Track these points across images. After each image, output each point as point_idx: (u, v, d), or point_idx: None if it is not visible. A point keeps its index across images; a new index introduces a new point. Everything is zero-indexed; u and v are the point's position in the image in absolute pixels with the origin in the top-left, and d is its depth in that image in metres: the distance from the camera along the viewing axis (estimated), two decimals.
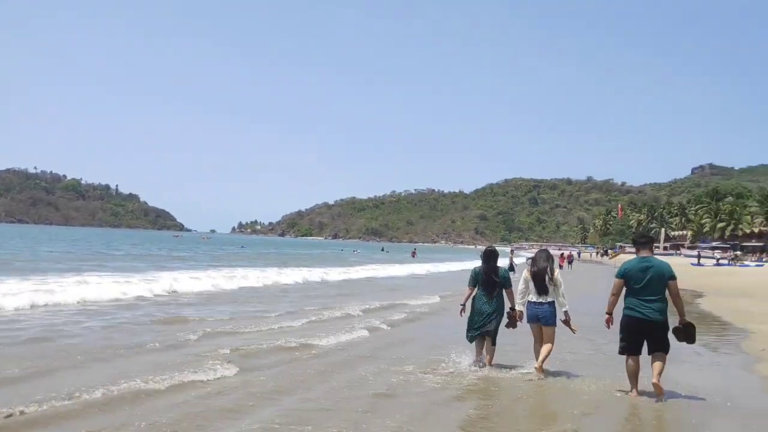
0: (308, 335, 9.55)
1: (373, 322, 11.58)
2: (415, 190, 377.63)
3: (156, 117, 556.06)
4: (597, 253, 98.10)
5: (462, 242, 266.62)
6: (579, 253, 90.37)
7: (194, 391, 6.04)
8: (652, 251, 6.52)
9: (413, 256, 65.18)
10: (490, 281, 7.51)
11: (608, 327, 6.56)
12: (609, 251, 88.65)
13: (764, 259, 69.86)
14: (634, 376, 6.25)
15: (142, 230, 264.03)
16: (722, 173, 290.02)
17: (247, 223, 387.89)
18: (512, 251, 40.74)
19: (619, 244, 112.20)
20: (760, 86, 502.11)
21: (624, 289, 6.35)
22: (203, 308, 13.07)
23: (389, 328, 11.22)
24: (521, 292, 7.25)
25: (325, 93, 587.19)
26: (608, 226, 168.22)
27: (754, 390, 6.92)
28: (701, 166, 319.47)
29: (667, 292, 6.23)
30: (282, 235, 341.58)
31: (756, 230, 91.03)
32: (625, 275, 6.32)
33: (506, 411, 5.86)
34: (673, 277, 6.24)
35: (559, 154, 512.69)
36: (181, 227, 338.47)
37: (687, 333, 6.45)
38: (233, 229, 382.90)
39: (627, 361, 6.31)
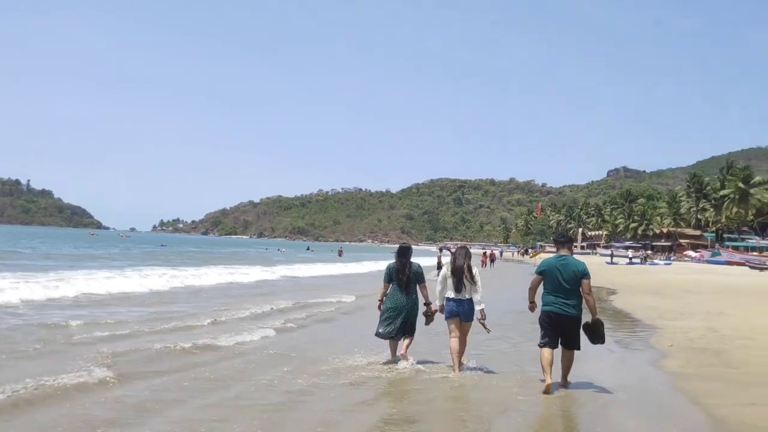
0: (210, 336, 9.05)
1: (282, 322, 11.18)
2: (342, 189, 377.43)
3: (72, 109, 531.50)
4: (518, 252, 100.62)
5: (388, 241, 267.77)
6: (501, 253, 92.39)
7: (68, 402, 5.43)
8: (571, 250, 6.77)
9: (339, 255, 64.88)
10: (403, 277, 7.54)
11: (532, 311, 6.77)
12: (530, 250, 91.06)
13: (672, 258, 73.61)
14: (548, 365, 6.39)
15: (56, 228, 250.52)
16: (635, 176, 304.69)
17: (169, 222, 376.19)
18: (441, 250, 41.22)
19: (540, 243, 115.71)
20: (672, 94, 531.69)
21: (542, 286, 6.59)
22: (101, 310, 12.15)
23: (299, 328, 10.84)
24: (439, 288, 7.29)
25: (249, 88, 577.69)
26: (529, 226, 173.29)
27: (661, 385, 6.94)
28: (616, 169, 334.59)
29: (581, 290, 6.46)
30: (206, 233, 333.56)
31: (665, 230, 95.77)
32: (543, 272, 6.56)
33: (421, 413, 5.69)
34: (586, 276, 6.43)
35: (483, 155, 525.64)
36: (98, 225, 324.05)
37: (596, 330, 6.62)
38: (154, 227, 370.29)
39: (543, 351, 6.49)
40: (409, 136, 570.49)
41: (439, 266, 24.53)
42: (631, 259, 62.38)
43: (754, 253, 59.99)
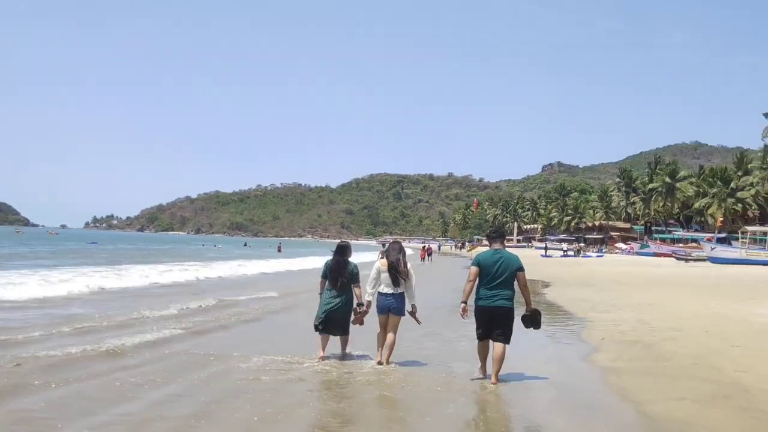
0: (121, 339, 8.39)
1: (204, 321, 10.67)
2: (282, 184, 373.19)
3: None
4: (455, 246, 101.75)
5: (328, 236, 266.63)
6: (440, 246, 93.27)
7: None
8: (504, 245, 6.95)
9: (279, 251, 63.88)
10: (338, 275, 7.55)
11: (463, 317, 6.73)
12: (467, 244, 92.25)
13: (604, 250, 75.92)
14: (484, 357, 6.68)
15: None
16: (569, 171, 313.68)
17: (102, 218, 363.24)
18: (383, 245, 41.18)
19: (477, 237, 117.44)
20: (602, 92, 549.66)
21: (478, 280, 6.64)
22: (5, 314, 11.19)
23: (221, 328, 10.26)
24: (372, 282, 7.33)
25: (184, 81, 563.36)
26: (467, 220, 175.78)
27: (593, 381, 6.84)
28: (551, 164, 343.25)
29: (516, 282, 6.61)
30: (141, 230, 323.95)
31: (597, 223, 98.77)
32: (479, 264, 6.63)
33: (347, 412, 5.48)
34: (521, 269, 6.59)
35: (422, 150, 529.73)
36: (25, 222, 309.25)
37: (533, 319, 6.84)
38: (87, 224, 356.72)
39: (479, 344, 6.73)
40: (349, 132, 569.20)
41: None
42: (565, 251, 63.93)
43: (680, 245, 62.41)
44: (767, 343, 8.71)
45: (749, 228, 48.18)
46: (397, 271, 7.19)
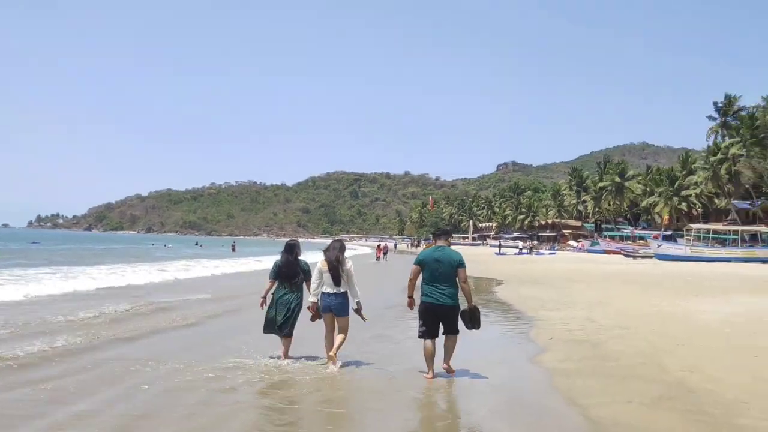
0: (18, 349, 7.80)
1: (139, 326, 10.09)
2: (236, 182, 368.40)
3: None
4: (411, 244, 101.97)
5: (284, 235, 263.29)
6: (396, 245, 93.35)
7: None
8: (448, 243, 6.98)
9: (233, 250, 62.78)
10: (289, 274, 7.49)
11: (410, 308, 7.02)
12: (422, 242, 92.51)
13: (556, 248, 77.20)
14: (431, 358, 6.63)
15: None
16: (523, 170, 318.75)
17: (47, 217, 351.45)
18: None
19: (433, 231, 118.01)
20: (556, 94, 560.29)
21: (421, 277, 6.74)
22: None
23: (156, 332, 9.74)
24: (315, 283, 7.23)
25: (134, 73, 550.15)
26: (423, 218, 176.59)
27: (540, 384, 6.66)
28: (505, 163, 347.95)
29: (458, 279, 6.67)
30: (89, 229, 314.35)
31: (550, 221, 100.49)
32: (421, 263, 6.73)
33: (290, 415, 5.39)
34: (461, 265, 6.66)
35: (379, 149, 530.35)
36: None
37: (472, 316, 6.83)
38: (30, 223, 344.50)
39: (425, 344, 6.68)
40: (306, 130, 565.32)
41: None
42: (520, 249, 64.73)
43: (629, 242, 63.89)
44: (710, 341, 8.72)
45: (693, 226, 49.56)
46: (337, 270, 7.10)
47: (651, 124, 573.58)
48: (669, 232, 56.57)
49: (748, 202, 59.34)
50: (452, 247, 7.10)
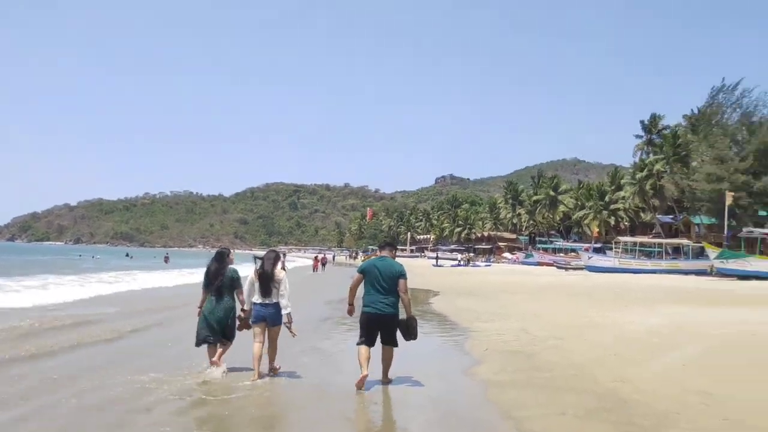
0: None
1: (44, 344, 9.42)
2: (171, 192, 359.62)
3: None
4: (350, 256, 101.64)
5: (221, 246, 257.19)
6: (334, 257, 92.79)
7: None
8: (392, 254, 7.09)
9: (166, 262, 60.90)
10: (218, 283, 7.34)
11: (350, 315, 7.04)
12: (360, 254, 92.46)
13: (492, 260, 78.47)
14: (365, 360, 6.61)
15: None
16: (460, 183, 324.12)
17: None
18: (284, 255, 40.09)
19: (372, 247, 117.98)
20: (493, 110, 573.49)
21: (362, 287, 6.81)
22: None
23: (63, 351, 9.14)
24: (247, 293, 7.16)
25: (64, 81, 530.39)
26: (363, 230, 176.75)
27: (474, 397, 6.56)
28: (443, 177, 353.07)
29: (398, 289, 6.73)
30: (12, 239, 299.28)
31: (486, 234, 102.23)
32: (363, 271, 6.84)
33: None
34: (402, 276, 6.73)
35: (319, 160, 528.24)
36: None
37: (408, 326, 6.84)
38: None
39: (359, 349, 6.70)
40: (245, 140, 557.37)
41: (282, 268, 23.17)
42: (459, 261, 65.46)
43: (561, 255, 65.58)
44: (638, 351, 8.85)
45: (621, 238, 51.36)
46: (268, 281, 7.04)
47: (583, 141, 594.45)
48: (599, 245, 58.35)
49: (671, 216, 62.05)
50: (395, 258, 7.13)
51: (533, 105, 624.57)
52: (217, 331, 7.21)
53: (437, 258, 68.77)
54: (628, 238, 52.17)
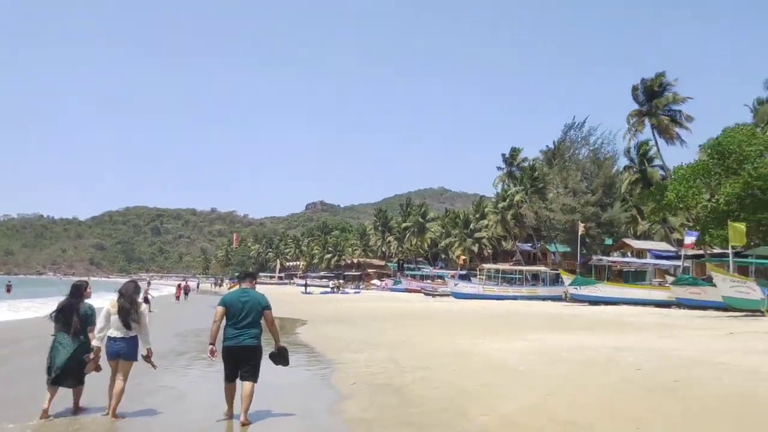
0: None
1: None
2: (19, 214, 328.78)
3: None
4: (215, 284, 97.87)
5: (74, 273, 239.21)
6: (198, 284, 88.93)
7: None
8: (253, 284, 6.96)
9: (8, 291, 54.97)
10: (70, 318, 6.73)
11: (211, 358, 6.64)
12: (226, 281, 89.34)
13: (361, 286, 78.81)
14: (231, 398, 6.54)
15: None
16: (331, 210, 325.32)
17: None
18: (148, 283, 37.37)
19: (237, 274, 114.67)
20: (364, 137, 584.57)
21: (225, 320, 6.54)
22: None
23: None
24: (101, 326, 6.69)
25: None
26: (230, 256, 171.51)
27: None
28: (314, 203, 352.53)
29: (263, 321, 6.61)
30: None
31: (356, 260, 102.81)
32: (225, 304, 6.56)
33: None
34: (267, 308, 6.60)
35: (184, 184, 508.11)
36: None
37: (281, 356, 6.85)
38: None
39: (226, 385, 6.54)
40: (102, 160, 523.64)
41: (147, 301, 21.52)
42: (332, 288, 65.00)
43: (428, 281, 67.19)
44: (506, 380, 8.79)
45: (485, 266, 53.51)
46: (127, 314, 6.67)
47: (449, 171, 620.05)
48: (464, 272, 60.43)
49: (530, 244, 65.79)
50: (259, 287, 6.93)
51: (401, 134, 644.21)
52: (68, 372, 6.60)
53: (306, 285, 67.87)
54: (491, 266, 54.44)
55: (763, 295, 22.06)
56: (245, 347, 6.42)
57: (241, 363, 6.46)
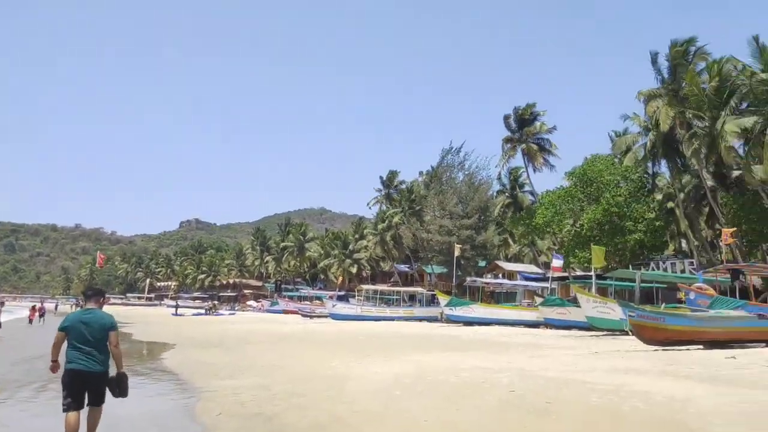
0: None
1: None
2: None
3: None
4: (76, 305, 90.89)
5: None
6: (57, 306, 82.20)
7: None
8: (99, 304, 6.47)
9: None
10: None
11: (54, 372, 6.20)
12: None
13: (237, 308, 76.31)
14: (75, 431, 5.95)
15: None
16: (206, 228, 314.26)
17: None
18: (2, 304, 33.62)
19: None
20: (239, 158, 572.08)
21: (67, 342, 6.11)
22: None
23: None
24: None
25: None
26: (94, 276, 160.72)
27: None
28: (189, 221, 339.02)
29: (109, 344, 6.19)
30: None
31: (231, 281, 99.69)
32: (66, 329, 6.11)
33: None
34: (113, 328, 6.22)
35: (42, 198, 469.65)
36: None
37: (120, 383, 6.28)
38: None
39: (67, 417, 5.89)
40: None
41: None
42: (206, 310, 62.29)
43: (306, 302, 66.26)
44: (381, 406, 8.47)
45: (364, 286, 53.59)
46: None
47: (329, 191, 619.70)
48: (342, 293, 60.18)
49: (408, 265, 66.86)
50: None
51: (282, 153, 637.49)
52: None
53: (177, 306, 64.60)
54: (370, 287, 54.61)
55: (623, 315, 23.55)
56: (90, 373, 6.01)
57: (84, 389, 6.03)
